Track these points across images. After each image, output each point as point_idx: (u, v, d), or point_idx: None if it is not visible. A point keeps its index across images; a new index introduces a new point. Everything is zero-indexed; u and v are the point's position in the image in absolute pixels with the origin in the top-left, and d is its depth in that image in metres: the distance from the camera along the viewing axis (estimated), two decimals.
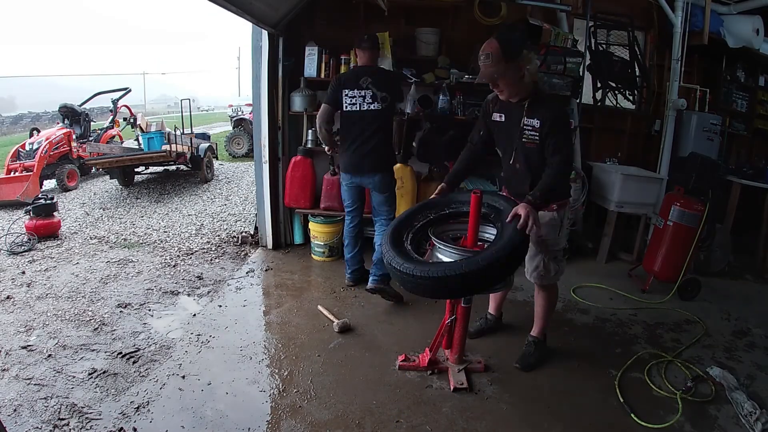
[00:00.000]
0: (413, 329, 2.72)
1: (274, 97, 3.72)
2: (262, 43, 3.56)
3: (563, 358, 2.52)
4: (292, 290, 3.22)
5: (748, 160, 5.06)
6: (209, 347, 2.47)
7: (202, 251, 4.02)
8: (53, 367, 2.26)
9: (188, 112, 7.46)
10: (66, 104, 7.62)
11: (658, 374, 2.40)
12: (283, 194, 3.88)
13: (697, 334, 2.84)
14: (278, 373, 2.27)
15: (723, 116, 4.57)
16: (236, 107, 12.40)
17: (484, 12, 3.72)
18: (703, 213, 3.22)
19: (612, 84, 4.33)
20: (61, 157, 6.82)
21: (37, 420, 1.90)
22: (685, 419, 2.06)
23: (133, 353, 2.40)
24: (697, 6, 4.26)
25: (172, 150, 6.36)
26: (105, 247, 4.12)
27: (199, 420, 1.93)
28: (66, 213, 5.30)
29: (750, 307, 3.31)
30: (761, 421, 2.01)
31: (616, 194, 3.84)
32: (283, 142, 3.86)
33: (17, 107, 31.12)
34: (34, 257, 3.81)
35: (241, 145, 10.06)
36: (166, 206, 5.75)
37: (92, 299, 3.02)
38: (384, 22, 3.73)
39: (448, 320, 2.20)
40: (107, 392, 2.08)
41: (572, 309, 3.13)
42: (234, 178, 7.65)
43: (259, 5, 3.09)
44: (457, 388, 2.16)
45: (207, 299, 3.07)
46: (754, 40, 4.51)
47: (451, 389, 2.17)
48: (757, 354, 2.69)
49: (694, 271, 3.49)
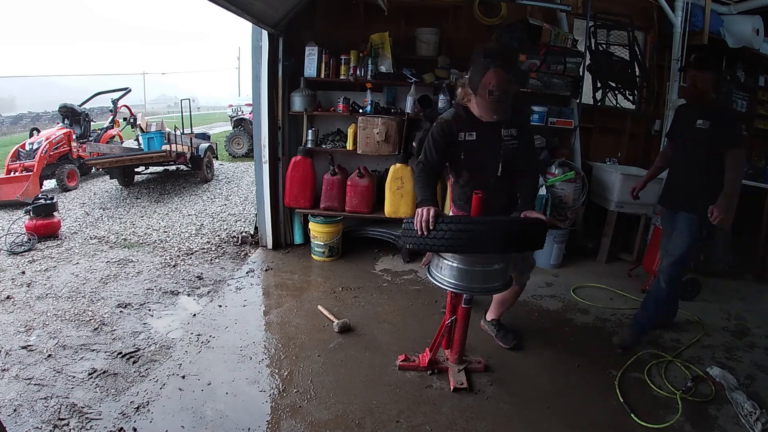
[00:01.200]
0: (413, 329, 2.72)
1: (274, 97, 3.72)
2: (262, 43, 3.56)
3: (563, 358, 2.52)
4: (292, 290, 3.22)
5: (748, 160, 5.05)
6: (209, 347, 2.47)
7: (202, 251, 4.02)
8: (53, 367, 2.26)
9: (188, 112, 7.46)
10: (66, 104, 7.61)
11: (658, 374, 2.40)
12: (283, 194, 3.88)
13: (697, 334, 2.84)
14: (278, 373, 2.27)
15: None
16: (236, 107, 12.39)
17: (484, 12, 3.72)
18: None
19: (612, 84, 4.33)
20: (61, 157, 6.82)
21: (37, 420, 1.90)
22: (685, 419, 2.06)
23: (133, 353, 2.40)
24: (697, 6, 4.26)
25: (172, 150, 6.36)
26: (105, 247, 4.12)
27: (199, 420, 1.93)
28: (66, 213, 5.30)
29: (750, 307, 3.31)
30: (761, 421, 2.01)
31: (616, 194, 3.84)
32: (283, 142, 3.86)
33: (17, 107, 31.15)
34: (34, 257, 3.81)
35: (241, 145, 10.06)
36: (166, 206, 5.75)
37: (92, 299, 3.02)
38: (384, 22, 3.73)
39: (448, 320, 2.20)
40: (107, 392, 2.08)
41: (572, 309, 3.13)
42: (234, 178, 7.65)
43: (259, 5, 3.09)
44: (457, 388, 2.16)
45: (207, 299, 3.08)
46: (754, 40, 4.51)
47: (451, 389, 2.17)
48: (757, 354, 2.69)
49: (694, 271, 3.49)
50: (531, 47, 3.69)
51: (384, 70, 3.68)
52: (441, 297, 3.02)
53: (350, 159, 3.94)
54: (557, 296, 3.31)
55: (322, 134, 3.99)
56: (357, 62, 3.69)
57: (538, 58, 3.69)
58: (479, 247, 1.81)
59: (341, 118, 3.91)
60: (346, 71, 3.72)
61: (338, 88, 3.92)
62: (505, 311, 2.66)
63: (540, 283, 3.49)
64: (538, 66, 3.70)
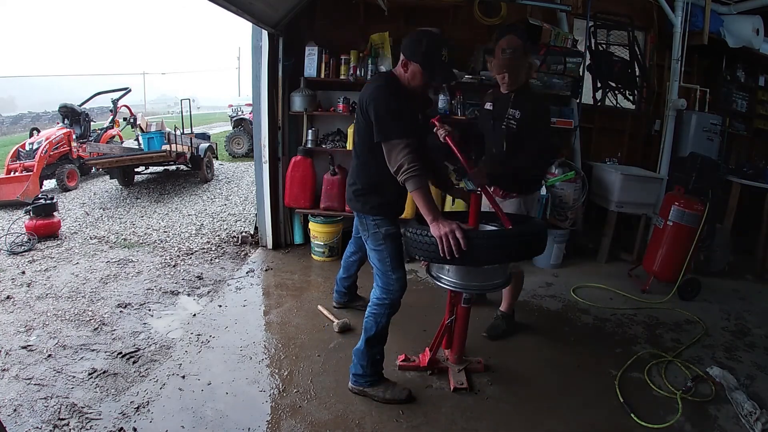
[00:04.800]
0: (413, 329, 2.71)
1: (274, 97, 3.72)
2: (262, 43, 3.56)
3: (563, 358, 2.52)
4: (292, 290, 3.22)
5: (748, 160, 5.05)
6: (209, 347, 2.47)
7: (202, 251, 4.02)
8: (53, 367, 2.26)
9: (188, 112, 7.46)
10: (66, 104, 7.61)
11: (658, 374, 2.40)
12: (283, 194, 3.88)
13: (697, 334, 2.84)
14: (278, 373, 2.27)
15: (723, 116, 4.56)
16: (236, 107, 12.38)
17: (484, 12, 3.72)
18: (703, 213, 3.22)
19: (612, 84, 4.33)
20: (61, 157, 6.82)
21: (37, 420, 1.90)
22: (685, 419, 2.06)
23: (133, 353, 2.40)
24: (697, 6, 4.26)
25: (172, 150, 6.36)
26: (105, 247, 4.12)
27: (199, 420, 1.93)
28: (66, 213, 5.30)
29: (750, 307, 3.31)
30: (761, 421, 2.01)
31: (616, 194, 3.84)
32: (283, 142, 3.86)
33: (17, 107, 31.11)
34: (34, 257, 3.81)
35: (241, 145, 10.05)
36: (166, 206, 5.74)
37: (92, 299, 3.02)
38: (384, 22, 3.73)
39: (448, 320, 2.20)
40: (107, 392, 2.08)
41: (572, 309, 3.13)
42: (234, 178, 7.65)
43: (259, 5, 3.09)
44: (457, 388, 2.16)
45: (207, 299, 3.07)
46: (754, 40, 4.51)
47: (451, 389, 2.17)
48: (757, 354, 2.69)
49: (694, 271, 3.49)
50: (531, 47, 3.68)
51: (384, 70, 3.67)
52: (441, 297, 3.02)
53: (350, 159, 3.91)
54: (557, 296, 3.31)
55: (322, 134, 3.99)
56: (357, 62, 3.69)
57: (538, 58, 3.69)
58: (493, 258, 1.85)
59: (341, 118, 3.91)
60: (346, 71, 3.72)
61: (338, 88, 3.91)
62: (514, 302, 2.74)
63: (540, 283, 3.49)
64: (538, 66, 3.70)
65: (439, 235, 1.71)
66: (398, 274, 1.98)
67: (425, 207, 1.77)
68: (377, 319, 2.01)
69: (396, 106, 1.81)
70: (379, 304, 2.00)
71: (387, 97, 1.82)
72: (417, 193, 1.78)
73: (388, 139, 1.80)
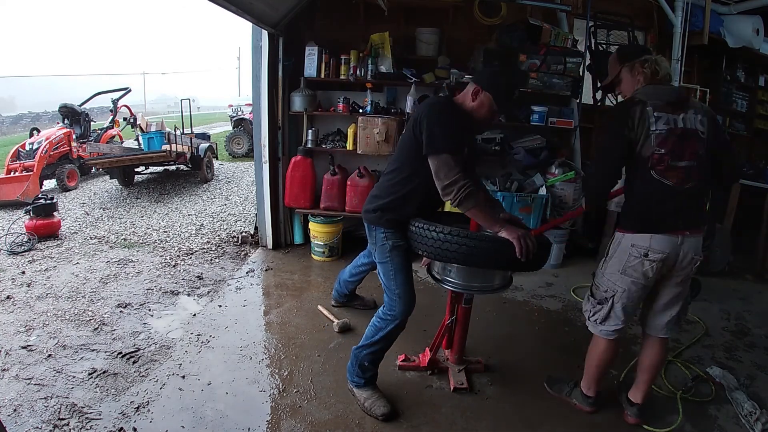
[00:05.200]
0: (413, 329, 2.70)
1: (274, 97, 3.72)
2: (262, 43, 3.56)
3: (563, 358, 2.52)
4: (292, 290, 3.22)
5: (748, 160, 5.05)
6: (209, 347, 2.47)
7: (202, 251, 4.02)
8: (53, 367, 2.26)
9: (188, 112, 7.46)
10: (66, 104, 7.61)
11: (658, 374, 2.39)
12: (283, 194, 3.88)
13: (697, 334, 2.84)
14: (278, 373, 2.27)
15: (723, 116, 4.57)
16: (236, 107, 12.38)
17: (484, 12, 3.72)
18: None
19: None
20: (61, 157, 6.82)
21: (37, 420, 1.90)
22: (686, 419, 2.06)
23: (133, 353, 2.40)
24: (697, 6, 4.26)
25: (172, 150, 6.36)
26: (105, 247, 4.12)
27: (199, 420, 1.93)
28: (66, 213, 5.30)
29: (750, 307, 3.31)
30: (761, 421, 2.01)
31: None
32: (283, 142, 3.86)
33: (17, 107, 31.11)
34: (34, 257, 3.81)
35: (241, 145, 10.05)
36: (166, 206, 5.75)
37: (92, 299, 3.02)
38: (384, 22, 3.73)
39: (448, 320, 2.20)
40: (107, 392, 2.08)
41: (572, 309, 3.13)
42: (234, 178, 7.65)
43: (259, 5, 3.09)
44: (457, 388, 2.16)
45: (207, 299, 3.07)
46: (754, 40, 4.52)
47: (451, 389, 2.17)
48: (757, 354, 2.69)
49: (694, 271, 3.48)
50: (531, 47, 3.70)
51: (384, 70, 3.68)
52: (441, 297, 3.02)
53: (350, 159, 3.94)
54: (557, 296, 3.31)
55: (322, 134, 4.00)
56: (357, 62, 3.69)
57: (538, 58, 3.69)
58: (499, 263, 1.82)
59: (341, 118, 3.91)
60: (346, 71, 3.72)
61: (338, 88, 3.92)
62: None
63: (540, 283, 3.49)
64: (538, 66, 3.70)
65: (517, 236, 1.68)
66: (402, 290, 1.95)
67: (488, 221, 1.77)
68: (377, 332, 2.00)
69: (453, 124, 1.80)
70: (383, 318, 2.00)
71: (445, 115, 1.81)
72: (475, 211, 1.75)
73: (438, 153, 1.75)
